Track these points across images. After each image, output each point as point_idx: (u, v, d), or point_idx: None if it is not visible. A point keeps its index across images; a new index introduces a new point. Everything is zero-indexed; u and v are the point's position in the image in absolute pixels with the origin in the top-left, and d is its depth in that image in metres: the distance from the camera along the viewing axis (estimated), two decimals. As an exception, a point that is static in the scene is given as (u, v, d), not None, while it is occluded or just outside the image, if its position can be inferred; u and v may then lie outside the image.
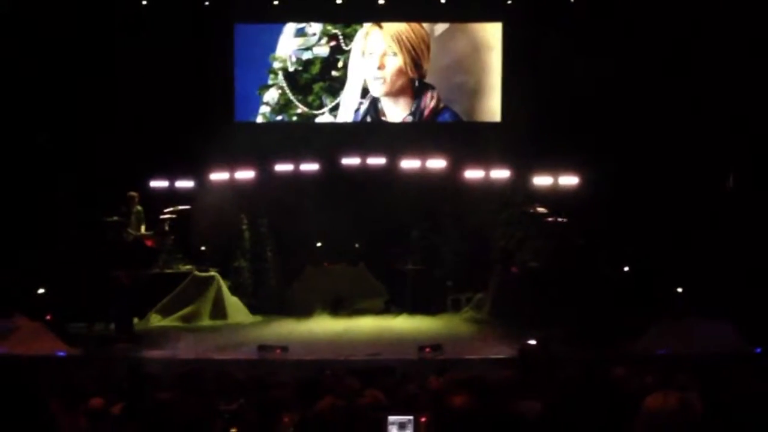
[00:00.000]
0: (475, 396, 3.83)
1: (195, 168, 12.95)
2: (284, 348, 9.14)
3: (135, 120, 12.33)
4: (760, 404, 3.54)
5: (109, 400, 4.83)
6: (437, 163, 13.23)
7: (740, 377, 4.70)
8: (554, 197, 12.63)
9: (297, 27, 13.67)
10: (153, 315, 11.75)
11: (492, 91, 13.57)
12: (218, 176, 13.08)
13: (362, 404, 4.37)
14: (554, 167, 12.77)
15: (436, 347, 9.06)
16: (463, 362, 8.57)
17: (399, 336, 10.69)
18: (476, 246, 13.11)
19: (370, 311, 12.60)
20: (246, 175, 13.18)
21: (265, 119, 13.75)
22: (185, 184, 12.99)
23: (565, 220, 12.15)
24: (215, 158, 12.82)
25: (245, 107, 13.74)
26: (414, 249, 13.19)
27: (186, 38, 12.66)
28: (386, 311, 12.63)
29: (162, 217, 12.00)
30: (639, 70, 12.15)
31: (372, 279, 13.13)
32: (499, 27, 13.50)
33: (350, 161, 13.31)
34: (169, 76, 12.44)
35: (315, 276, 13.13)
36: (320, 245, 13.29)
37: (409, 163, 13.22)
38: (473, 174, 13.16)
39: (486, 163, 13.10)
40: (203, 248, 12.50)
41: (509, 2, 13.20)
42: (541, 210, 12.42)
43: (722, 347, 8.71)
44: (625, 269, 11.79)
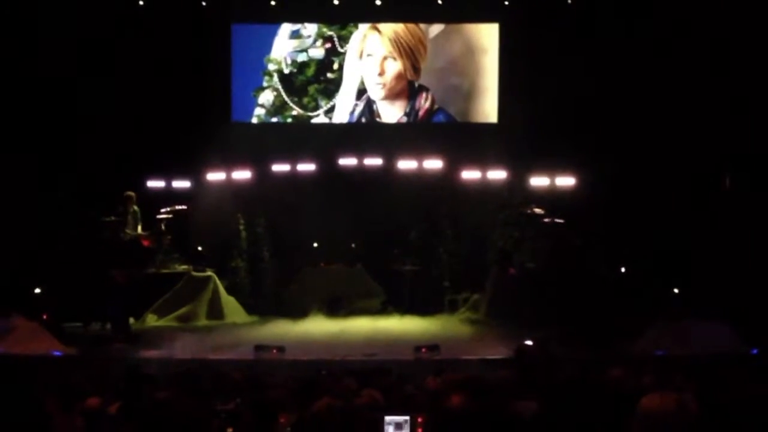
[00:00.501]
0: (472, 396, 3.84)
1: (192, 168, 12.95)
2: (281, 348, 9.11)
3: (132, 120, 12.33)
4: (757, 405, 3.55)
5: (106, 400, 4.81)
6: (434, 164, 13.23)
7: (737, 378, 4.71)
8: (551, 198, 12.65)
9: (292, 29, 13.66)
10: (149, 315, 11.72)
11: (486, 93, 13.58)
12: (215, 176, 13.07)
13: (359, 404, 4.37)
14: (551, 168, 12.78)
15: (433, 348, 9.05)
16: (460, 363, 8.53)
17: (396, 336, 10.66)
18: (473, 247, 13.14)
19: (367, 311, 12.57)
20: (243, 176, 13.17)
21: (260, 121, 13.75)
22: (182, 184, 12.98)
23: (562, 221, 12.17)
24: (212, 158, 12.83)
25: (242, 108, 13.73)
26: (411, 249, 13.18)
27: (183, 38, 12.66)
28: (383, 311, 12.60)
29: (159, 217, 12.02)
30: (636, 71, 12.16)
31: (369, 279, 13.11)
32: (495, 28, 13.52)
33: (347, 162, 13.31)
34: (167, 76, 12.45)
35: (312, 276, 13.10)
36: (317, 245, 13.26)
37: (407, 164, 13.22)
38: (470, 175, 13.16)
39: (483, 164, 13.10)
40: (200, 248, 12.48)
41: (506, 3, 13.20)
42: (538, 211, 12.44)
43: (719, 348, 8.71)
44: (622, 270, 11.81)
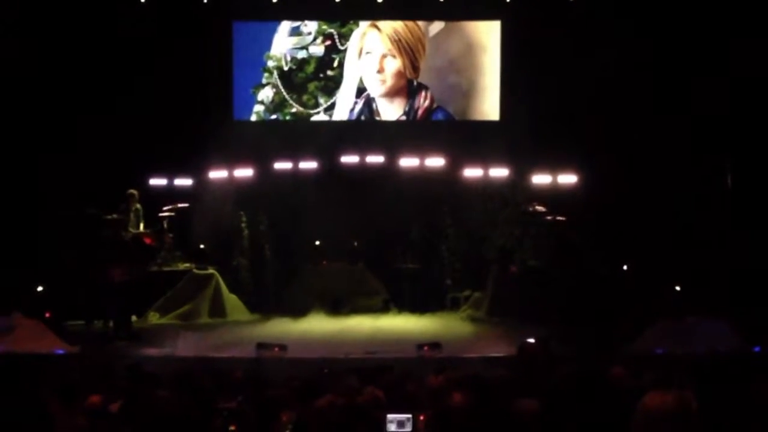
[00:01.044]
0: (474, 394, 3.85)
1: (194, 166, 12.93)
2: (283, 346, 9.10)
3: (134, 118, 12.32)
4: (757, 403, 3.56)
5: (108, 398, 4.83)
6: (436, 162, 13.22)
7: (737, 377, 4.71)
8: (553, 196, 12.64)
9: (292, 26, 13.63)
10: (151, 313, 11.73)
11: (486, 92, 13.54)
12: (217, 174, 13.05)
13: (361, 402, 4.38)
14: (553, 166, 12.77)
15: (435, 346, 9.05)
16: (462, 361, 8.53)
17: (398, 334, 10.67)
18: (475, 245, 13.12)
19: (369, 310, 12.54)
20: (245, 173, 13.15)
21: (260, 118, 13.73)
22: (184, 182, 12.96)
23: (564, 219, 12.17)
24: (214, 156, 12.80)
25: (244, 106, 13.73)
26: (413, 247, 13.16)
27: (185, 35, 12.63)
28: (385, 310, 12.59)
29: (161, 215, 12.05)
30: (638, 68, 12.13)
31: (371, 277, 13.09)
32: (495, 27, 13.47)
33: (349, 159, 13.29)
34: (169, 74, 12.43)
35: (314, 274, 13.09)
36: (319, 244, 13.26)
37: (408, 162, 13.21)
38: (472, 173, 13.14)
39: (485, 162, 13.08)
40: (202, 246, 12.47)
41: (507, 0, 13.17)
42: (540, 209, 12.44)
43: (720, 347, 8.71)
44: (624, 268, 11.80)
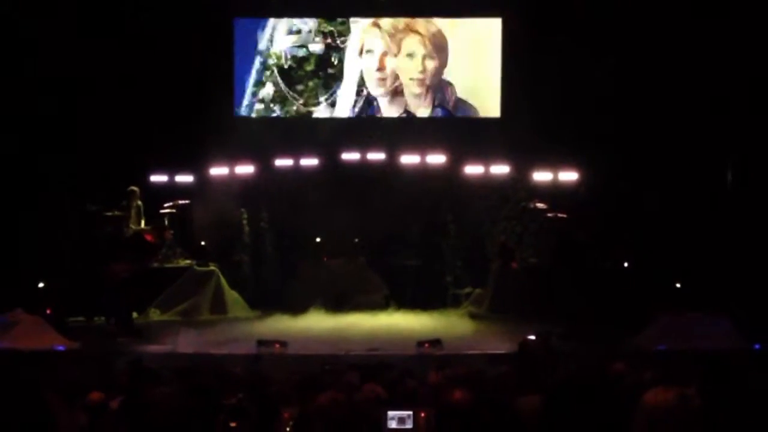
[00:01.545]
0: (474, 391, 3.84)
1: (195, 163, 12.93)
2: (284, 343, 9.12)
3: (135, 115, 12.31)
4: (759, 400, 3.55)
5: (109, 395, 4.83)
6: (437, 159, 13.21)
7: (739, 373, 4.71)
8: (554, 193, 12.64)
9: (292, 24, 13.63)
10: (152, 309, 11.73)
11: (487, 89, 13.51)
12: (218, 171, 13.04)
13: (362, 399, 4.38)
14: (554, 163, 12.76)
15: (436, 342, 9.06)
16: (463, 357, 8.53)
17: (398, 331, 10.68)
18: (476, 241, 13.12)
19: (370, 306, 12.53)
20: (246, 170, 13.15)
21: (259, 115, 13.72)
22: (185, 179, 12.95)
23: (565, 216, 12.16)
24: (215, 153, 12.80)
25: (245, 102, 13.71)
26: (414, 244, 13.16)
27: (186, 32, 12.59)
28: (386, 306, 12.58)
29: (162, 212, 12.04)
30: (639, 66, 12.13)
31: (372, 274, 13.08)
32: (497, 24, 13.43)
33: (350, 156, 13.28)
34: (170, 71, 12.42)
35: (315, 271, 13.07)
36: (320, 240, 13.26)
37: (409, 159, 13.20)
38: (473, 170, 13.12)
39: (486, 159, 13.07)
40: (203, 243, 12.49)
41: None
42: (541, 205, 12.44)
43: (721, 343, 8.72)
44: (625, 264, 11.80)
